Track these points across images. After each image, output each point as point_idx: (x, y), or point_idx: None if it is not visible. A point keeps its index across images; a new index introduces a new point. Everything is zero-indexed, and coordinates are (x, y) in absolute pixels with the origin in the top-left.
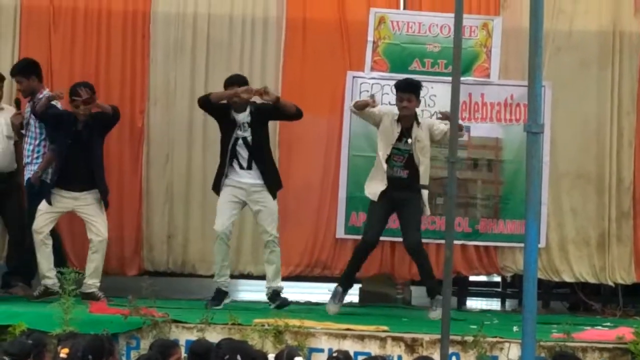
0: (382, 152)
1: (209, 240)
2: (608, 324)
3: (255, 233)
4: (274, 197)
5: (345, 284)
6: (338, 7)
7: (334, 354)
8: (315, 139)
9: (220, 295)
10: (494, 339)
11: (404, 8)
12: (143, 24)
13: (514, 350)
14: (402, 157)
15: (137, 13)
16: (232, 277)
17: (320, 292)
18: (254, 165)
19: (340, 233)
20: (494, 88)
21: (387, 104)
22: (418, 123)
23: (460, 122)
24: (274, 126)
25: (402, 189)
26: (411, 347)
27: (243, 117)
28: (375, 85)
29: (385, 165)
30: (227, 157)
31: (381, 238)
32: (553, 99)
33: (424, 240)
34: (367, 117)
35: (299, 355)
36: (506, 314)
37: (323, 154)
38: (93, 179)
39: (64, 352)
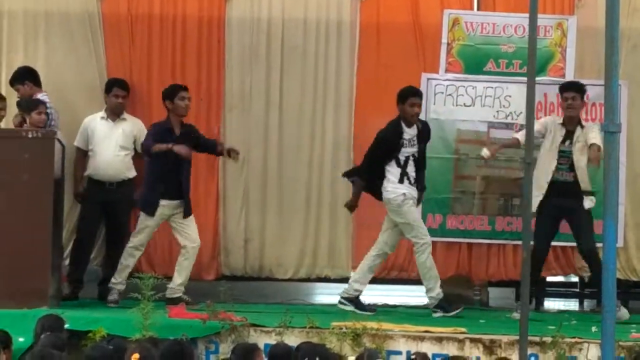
0: (549, 156)
1: (285, 245)
2: None
3: (331, 236)
4: None
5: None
6: (412, 10)
7: (413, 356)
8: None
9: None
10: (573, 340)
11: (478, 9)
12: (218, 29)
13: (593, 351)
14: (568, 159)
15: (212, 18)
16: (309, 280)
17: (397, 295)
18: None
19: None
20: None
21: (463, 105)
22: (582, 126)
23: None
24: (349, 130)
25: (568, 196)
26: (489, 348)
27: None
28: (450, 87)
29: (552, 169)
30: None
31: (458, 240)
32: (629, 98)
33: (501, 242)
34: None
35: (378, 357)
36: (584, 314)
37: None
38: (184, 187)
39: (134, 358)
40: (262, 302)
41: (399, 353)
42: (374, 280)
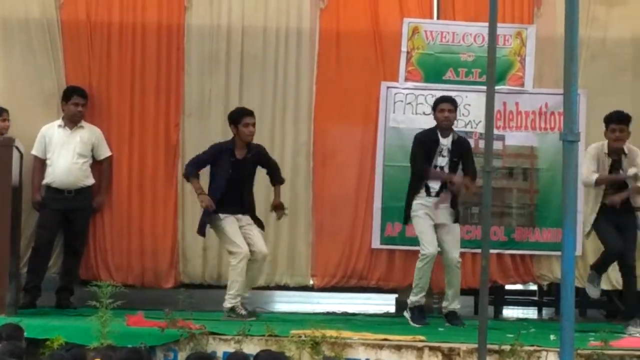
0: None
1: None
2: None
3: (291, 244)
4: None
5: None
6: (371, 18)
7: None
8: (350, 150)
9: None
10: (531, 348)
11: (438, 18)
12: (177, 36)
13: (552, 359)
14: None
15: (172, 26)
16: (269, 288)
17: (356, 303)
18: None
19: (376, 243)
20: (529, 97)
21: (422, 113)
22: (625, 155)
23: None
24: (308, 137)
25: (620, 213)
26: (448, 356)
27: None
28: (409, 95)
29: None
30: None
31: (417, 248)
32: (588, 107)
33: (461, 250)
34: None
35: None
36: (543, 322)
37: (358, 165)
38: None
39: None
40: (221, 310)
41: None
42: (333, 289)
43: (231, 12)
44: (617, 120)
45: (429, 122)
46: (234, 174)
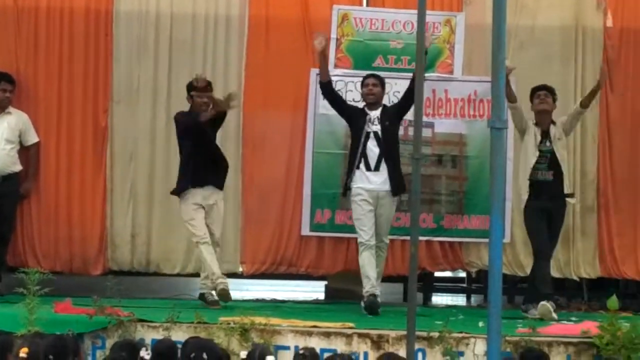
0: (529, 158)
1: (172, 239)
2: (573, 318)
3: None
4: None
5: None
6: (301, 5)
7: (301, 352)
8: (280, 136)
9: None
10: (460, 335)
11: (367, 5)
12: (106, 22)
13: (480, 346)
14: (546, 158)
15: (100, 11)
16: (198, 275)
17: (286, 290)
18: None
19: (305, 230)
20: (458, 84)
21: (352, 100)
22: (554, 123)
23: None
24: (237, 124)
25: (549, 197)
26: (377, 343)
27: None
28: (339, 82)
29: (530, 169)
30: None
31: (346, 235)
32: (517, 94)
33: (390, 237)
34: (516, 114)
35: (270, 354)
36: (472, 309)
37: (287, 151)
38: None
39: (23, 352)
40: (150, 297)
41: (287, 348)
42: (262, 276)
43: None
44: (541, 88)
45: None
46: (200, 139)
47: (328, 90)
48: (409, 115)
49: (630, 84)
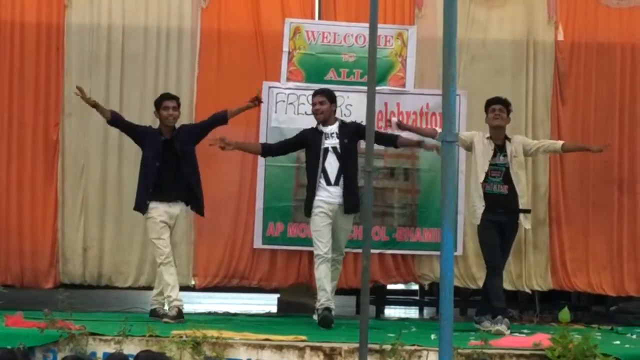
0: (480, 170)
1: (125, 253)
2: (525, 330)
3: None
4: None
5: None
6: (253, 18)
7: None
8: (232, 150)
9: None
10: (412, 347)
11: (319, 18)
12: (57, 35)
13: (432, 358)
14: (500, 172)
15: (51, 25)
16: (150, 288)
17: (238, 303)
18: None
19: (258, 243)
20: (410, 97)
21: (304, 114)
22: (509, 139)
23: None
24: None
25: (504, 211)
26: (330, 356)
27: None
28: (291, 95)
29: (481, 181)
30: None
31: (298, 248)
32: (468, 108)
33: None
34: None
35: None
36: (424, 322)
37: (240, 165)
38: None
39: None
40: (102, 310)
41: None
42: (215, 289)
43: (112, 11)
44: (496, 101)
45: (311, 122)
46: (164, 156)
47: (275, 154)
48: None
49: (581, 97)
